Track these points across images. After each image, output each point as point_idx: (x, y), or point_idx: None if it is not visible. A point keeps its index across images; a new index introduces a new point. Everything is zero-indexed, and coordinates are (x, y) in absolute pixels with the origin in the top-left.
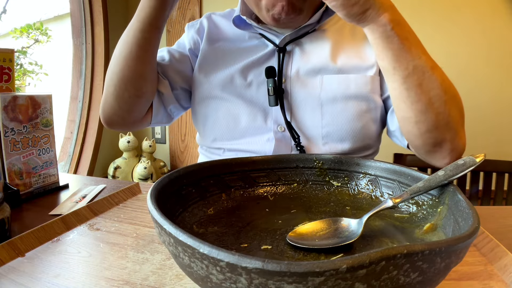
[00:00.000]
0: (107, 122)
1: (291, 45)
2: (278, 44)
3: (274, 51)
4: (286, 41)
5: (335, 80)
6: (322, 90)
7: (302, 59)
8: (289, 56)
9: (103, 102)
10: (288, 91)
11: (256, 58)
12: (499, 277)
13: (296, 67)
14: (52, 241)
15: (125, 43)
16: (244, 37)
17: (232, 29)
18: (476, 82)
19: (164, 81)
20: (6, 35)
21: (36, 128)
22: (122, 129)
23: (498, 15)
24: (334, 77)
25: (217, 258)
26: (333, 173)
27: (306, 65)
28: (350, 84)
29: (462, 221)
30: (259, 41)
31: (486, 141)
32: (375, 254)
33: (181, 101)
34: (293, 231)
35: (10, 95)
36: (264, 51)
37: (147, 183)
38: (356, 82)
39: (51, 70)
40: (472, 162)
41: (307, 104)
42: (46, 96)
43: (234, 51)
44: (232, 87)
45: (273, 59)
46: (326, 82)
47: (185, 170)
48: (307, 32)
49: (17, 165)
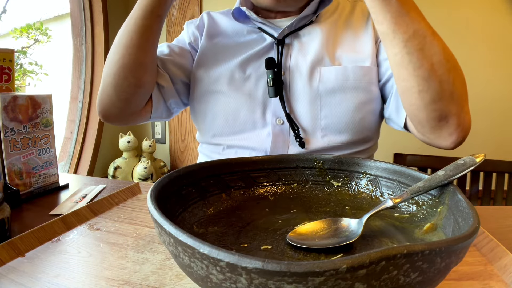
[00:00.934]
0: (104, 114)
1: (290, 38)
2: (276, 37)
3: (273, 44)
4: (284, 33)
5: (333, 72)
6: (320, 82)
7: (300, 52)
8: (288, 49)
9: (100, 93)
10: (287, 83)
11: (255, 51)
12: (499, 277)
13: (295, 59)
14: (52, 241)
15: (126, 31)
16: (243, 31)
17: (231, 25)
18: (476, 82)
19: (164, 74)
20: (6, 35)
21: (36, 128)
22: (120, 123)
23: (499, 14)
24: (332, 68)
25: (217, 258)
26: (333, 173)
27: (305, 57)
28: (348, 76)
29: (462, 221)
30: (258, 35)
31: (486, 141)
32: (375, 254)
33: (182, 95)
34: (293, 231)
35: (10, 95)
36: (263, 45)
37: (147, 183)
38: (354, 73)
39: (51, 70)
40: (472, 162)
41: (305, 96)
42: (46, 96)
43: (232, 45)
44: (231, 81)
45: (272, 52)
46: (324, 74)
47: (185, 170)
48: (305, 25)
49: (17, 165)
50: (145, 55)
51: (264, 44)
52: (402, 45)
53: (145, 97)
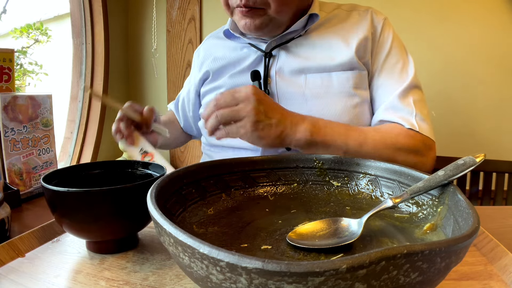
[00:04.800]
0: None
1: (277, 50)
2: (264, 49)
3: (262, 57)
4: (271, 46)
5: (318, 78)
6: (306, 87)
7: (286, 60)
8: (274, 60)
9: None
10: (274, 91)
11: (246, 65)
12: (499, 277)
13: (280, 67)
14: (52, 241)
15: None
16: (237, 47)
17: (227, 44)
18: (476, 82)
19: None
20: (6, 35)
21: (36, 128)
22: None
23: (498, 15)
24: (317, 75)
25: (217, 258)
26: (333, 173)
27: (290, 65)
28: (332, 82)
29: (462, 221)
30: (249, 50)
31: (486, 141)
32: (375, 254)
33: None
34: (293, 231)
35: (10, 95)
36: (253, 57)
37: None
38: (338, 80)
39: (51, 70)
40: (472, 162)
41: (293, 100)
42: (46, 96)
43: (229, 60)
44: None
45: (261, 64)
46: (309, 81)
47: (185, 170)
48: (293, 38)
49: (17, 165)
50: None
51: (254, 57)
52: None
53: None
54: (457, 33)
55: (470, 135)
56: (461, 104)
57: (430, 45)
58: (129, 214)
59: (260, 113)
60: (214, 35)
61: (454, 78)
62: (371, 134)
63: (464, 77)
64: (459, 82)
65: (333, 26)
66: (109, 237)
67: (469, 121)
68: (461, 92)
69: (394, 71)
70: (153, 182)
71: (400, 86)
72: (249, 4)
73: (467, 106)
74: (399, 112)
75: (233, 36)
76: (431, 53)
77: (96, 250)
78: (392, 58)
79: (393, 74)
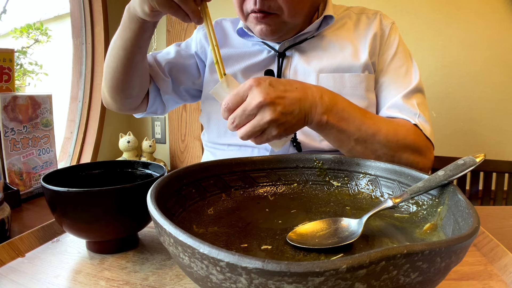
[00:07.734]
0: (106, 106)
1: (291, 50)
2: (277, 49)
3: (274, 56)
4: (285, 46)
5: (331, 79)
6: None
7: (300, 61)
8: (288, 61)
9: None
10: None
11: (258, 61)
12: (499, 277)
13: (294, 69)
14: (52, 241)
15: (111, 57)
16: (248, 43)
17: (238, 36)
18: (476, 82)
19: (167, 80)
20: (6, 35)
21: (36, 128)
22: (121, 112)
23: (499, 15)
24: (330, 75)
25: (217, 258)
26: (333, 173)
27: (304, 66)
28: (345, 83)
29: (462, 221)
30: (262, 47)
31: (486, 141)
32: (375, 254)
33: (180, 97)
34: (293, 231)
35: (10, 95)
36: (265, 56)
37: None
38: (351, 81)
39: (51, 70)
40: (472, 162)
41: None
42: (46, 96)
43: (238, 54)
44: None
45: (274, 64)
46: (322, 81)
47: (185, 170)
48: (306, 39)
49: (17, 165)
50: (131, 79)
51: (267, 55)
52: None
53: (137, 102)
54: (457, 33)
55: (470, 135)
56: (461, 104)
57: (430, 46)
58: (129, 214)
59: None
60: (229, 20)
61: (454, 78)
62: (385, 124)
63: (464, 77)
64: (459, 82)
65: (345, 28)
66: (109, 237)
67: (469, 121)
68: (461, 92)
69: (399, 74)
70: (153, 182)
71: (405, 89)
72: (264, 9)
73: (467, 106)
74: (403, 112)
75: (247, 35)
76: (431, 53)
77: (96, 250)
78: (398, 61)
79: (398, 76)
